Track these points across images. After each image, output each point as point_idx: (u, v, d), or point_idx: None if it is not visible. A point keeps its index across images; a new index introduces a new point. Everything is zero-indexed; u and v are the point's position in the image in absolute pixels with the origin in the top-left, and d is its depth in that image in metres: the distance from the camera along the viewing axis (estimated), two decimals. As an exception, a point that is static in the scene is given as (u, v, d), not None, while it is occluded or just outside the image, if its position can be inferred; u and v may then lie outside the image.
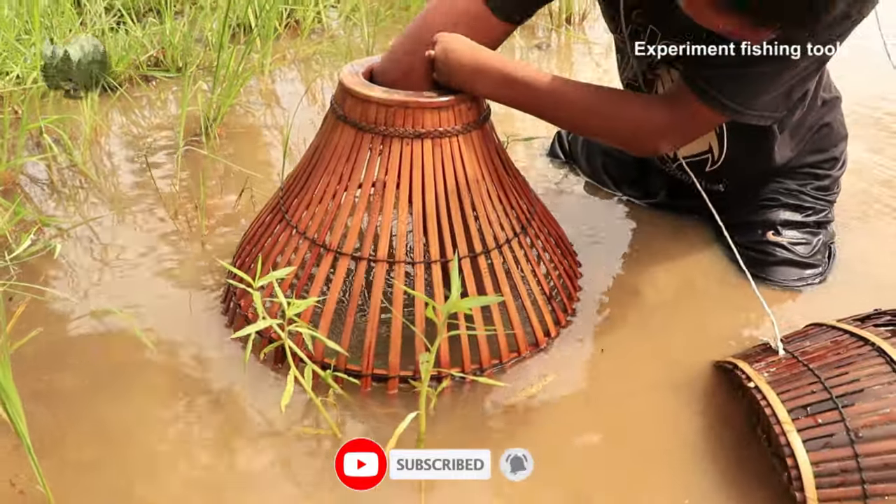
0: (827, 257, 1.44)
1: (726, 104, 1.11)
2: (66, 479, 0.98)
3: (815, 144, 1.44)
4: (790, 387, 1.00)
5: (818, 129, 1.42)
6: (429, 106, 1.09)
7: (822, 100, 1.39)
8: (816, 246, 1.42)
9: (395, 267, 1.11)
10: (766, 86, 1.11)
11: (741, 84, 1.10)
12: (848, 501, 0.92)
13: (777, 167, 1.42)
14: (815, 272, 1.41)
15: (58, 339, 1.24)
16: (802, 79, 1.14)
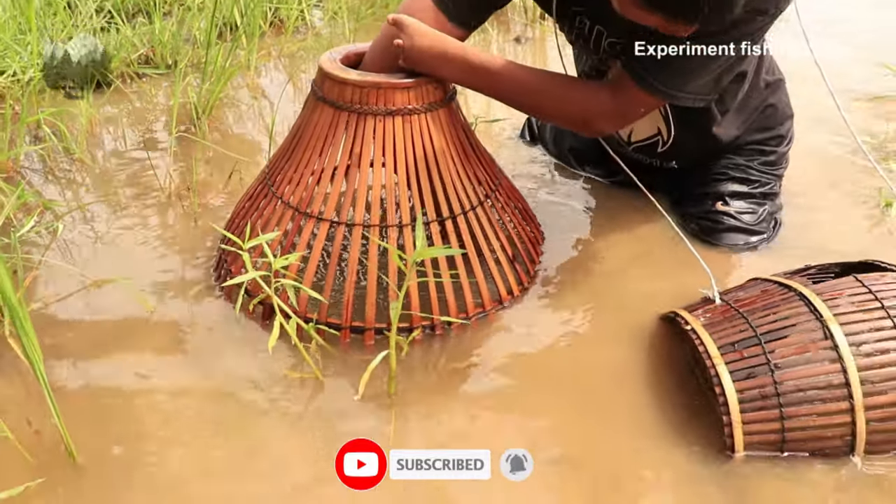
0: (772, 226, 1.57)
1: (660, 89, 1.24)
2: (78, 421, 1.09)
3: (760, 123, 1.56)
4: (721, 328, 1.13)
5: (763, 109, 1.55)
6: (399, 86, 1.21)
7: (765, 82, 1.51)
8: (762, 215, 1.55)
9: (370, 230, 1.23)
10: (695, 73, 1.23)
11: (673, 72, 1.23)
12: (768, 422, 1.05)
13: (724, 145, 1.55)
14: (760, 238, 1.54)
15: (64, 306, 1.36)
16: (729, 67, 1.26)
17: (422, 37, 1.22)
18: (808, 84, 1.58)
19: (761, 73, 1.50)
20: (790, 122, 1.62)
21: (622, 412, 1.15)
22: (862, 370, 1.03)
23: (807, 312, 1.09)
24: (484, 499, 1.02)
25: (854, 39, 2.77)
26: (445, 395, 1.18)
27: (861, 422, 1.03)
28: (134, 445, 1.08)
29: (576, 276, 1.44)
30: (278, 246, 1.30)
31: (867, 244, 1.54)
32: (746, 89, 1.48)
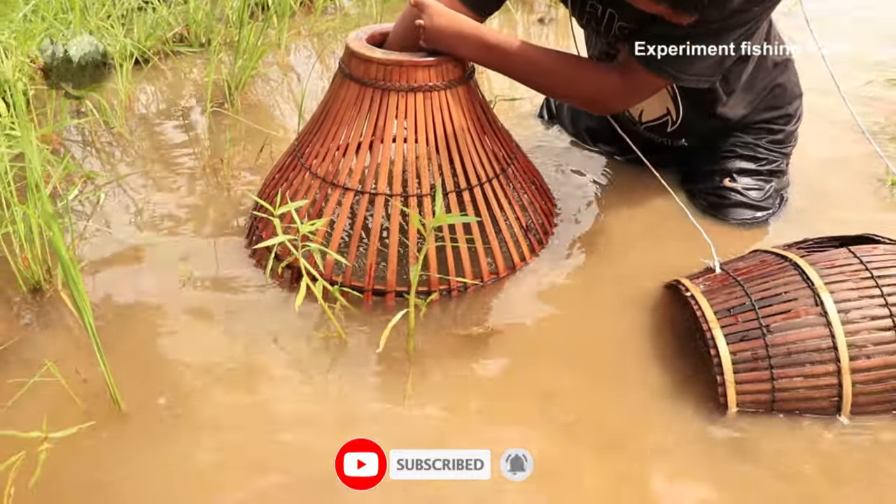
0: (778, 203, 1.64)
1: (666, 70, 1.31)
2: (122, 372, 1.19)
3: (769, 103, 1.62)
4: (719, 295, 1.21)
5: (771, 89, 1.60)
6: (420, 64, 1.29)
7: (773, 62, 1.57)
8: (768, 192, 1.62)
9: (392, 199, 1.32)
10: (698, 57, 1.30)
11: (678, 56, 1.30)
12: (759, 382, 1.12)
13: (731, 124, 1.61)
14: (766, 213, 1.60)
15: (107, 269, 1.46)
16: (732, 51, 1.32)
17: (440, 17, 1.30)
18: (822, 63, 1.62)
19: (769, 54, 1.55)
20: (799, 101, 1.67)
21: (627, 373, 1.23)
22: (849, 335, 1.10)
23: (799, 281, 1.17)
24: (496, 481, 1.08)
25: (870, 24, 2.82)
26: (459, 353, 1.26)
27: (847, 384, 1.10)
28: (173, 395, 1.18)
29: (586, 247, 1.52)
30: (306, 214, 1.38)
31: (872, 221, 1.60)
32: (752, 70, 1.53)
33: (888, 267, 1.16)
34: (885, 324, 1.11)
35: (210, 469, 1.07)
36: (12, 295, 1.37)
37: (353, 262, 1.33)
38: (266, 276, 1.38)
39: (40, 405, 1.14)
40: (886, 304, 1.12)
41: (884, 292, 1.12)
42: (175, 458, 1.08)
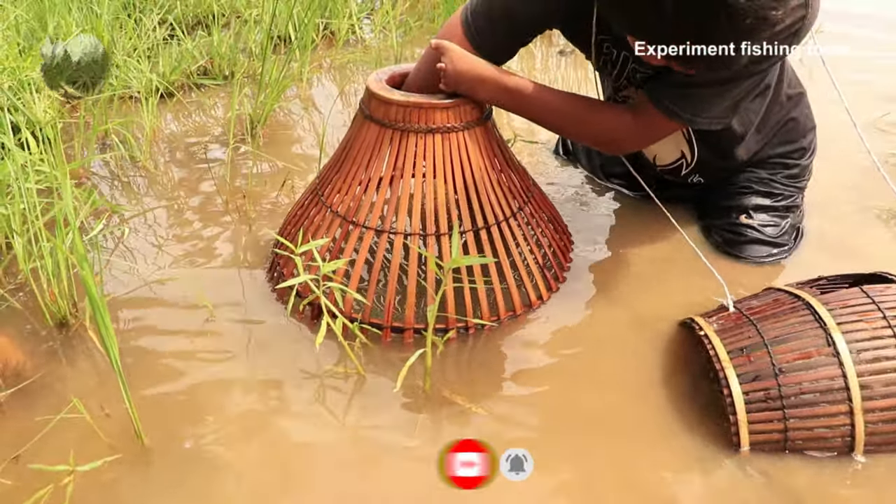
0: (794, 238, 1.65)
1: (680, 114, 1.33)
2: (145, 407, 1.22)
3: (783, 137, 1.63)
4: (732, 334, 1.22)
5: (784, 123, 1.62)
6: (438, 106, 1.32)
7: (786, 95, 1.58)
8: (784, 228, 1.63)
9: (410, 238, 1.34)
10: (712, 101, 1.32)
11: (691, 100, 1.32)
12: (771, 422, 1.13)
13: (747, 161, 1.63)
14: (782, 250, 1.61)
15: (131, 303, 1.49)
16: (747, 93, 1.34)
17: (461, 61, 1.33)
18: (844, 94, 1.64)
19: (783, 88, 1.56)
20: (812, 133, 1.68)
21: (641, 411, 1.24)
22: (861, 375, 1.12)
23: (812, 321, 1.18)
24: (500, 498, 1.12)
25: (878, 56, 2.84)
26: (475, 392, 1.28)
27: (860, 424, 1.12)
28: (194, 431, 1.20)
29: (602, 283, 1.54)
30: (327, 252, 1.41)
31: (886, 256, 1.61)
32: (766, 106, 1.55)
33: (900, 307, 1.17)
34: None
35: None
36: (39, 329, 1.41)
37: (372, 299, 1.35)
38: (287, 313, 1.41)
39: (66, 439, 1.17)
40: (898, 345, 1.13)
41: (895, 332, 1.14)
42: (196, 494, 1.11)
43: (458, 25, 1.37)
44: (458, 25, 1.37)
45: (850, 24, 3.19)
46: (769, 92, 1.52)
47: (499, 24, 1.35)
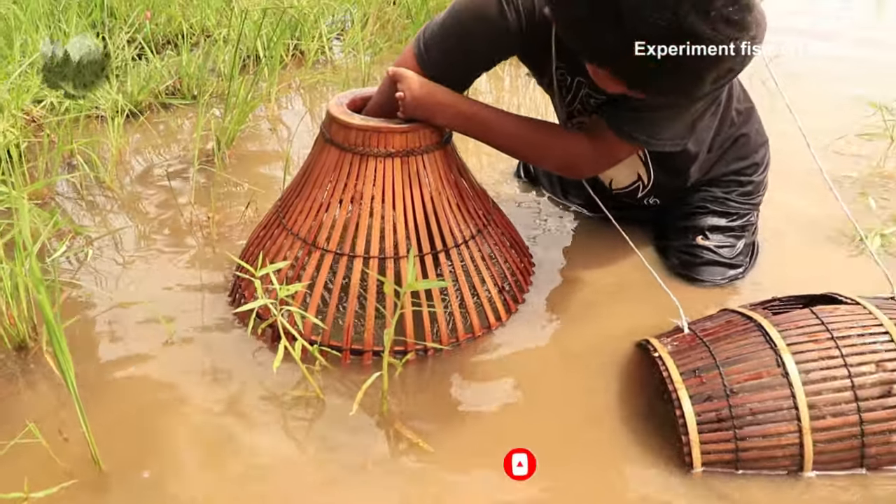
0: (749, 258, 1.68)
1: (637, 137, 1.35)
2: (103, 431, 1.22)
3: (735, 153, 1.65)
4: (686, 355, 1.24)
5: (736, 139, 1.64)
6: (397, 130, 1.34)
7: (736, 111, 1.60)
8: (740, 248, 1.66)
9: (369, 261, 1.36)
10: (668, 124, 1.35)
11: (648, 123, 1.34)
12: (723, 442, 1.15)
13: (700, 179, 1.66)
14: (737, 271, 1.64)
15: (92, 326, 1.49)
16: (702, 114, 1.37)
17: (418, 88, 1.35)
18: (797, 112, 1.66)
19: (732, 104, 1.58)
20: (764, 148, 1.71)
21: (597, 434, 1.26)
22: (809, 396, 1.14)
23: (763, 342, 1.20)
24: None
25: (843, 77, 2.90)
26: (432, 414, 1.29)
27: (808, 444, 1.14)
28: (153, 456, 1.20)
29: (560, 305, 1.55)
30: (286, 275, 1.42)
31: (837, 276, 1.64)
32: (718, 122, 1.57)
33: (848, 328, 1.20)
34: (844, 384, 1.14)
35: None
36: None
37: (332, 322, 1.36)
38: (248, 336, 1.42)
39: (22, 465, 1.17)
40: (846, 365, 1.15)
41: (843, 353, 1.16)
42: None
43: (412, 58, 1.39)
44: (412, 58, 1.39)
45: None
46: (720, 109, 1.54)
47: (453, 55, 1.37)
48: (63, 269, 1.66)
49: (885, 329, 1.19)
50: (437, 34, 1.37)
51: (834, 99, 2.65)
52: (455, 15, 1.36)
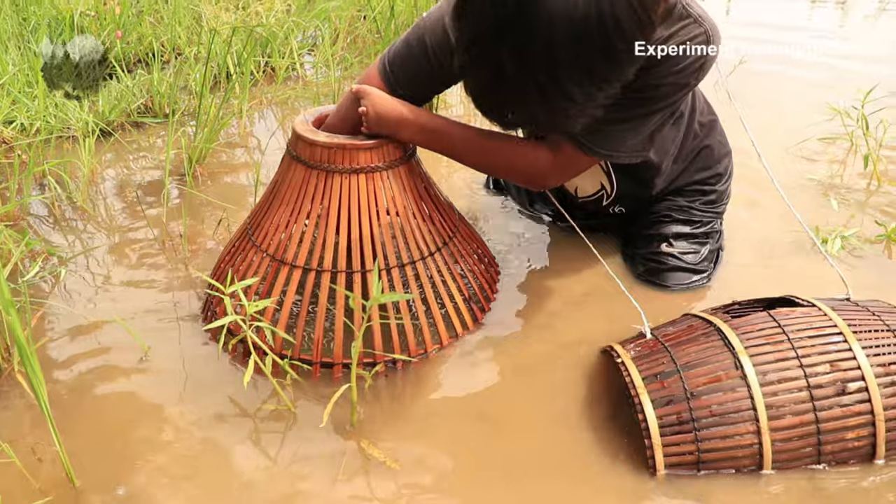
0: (713, 262, 1.72)
1: (597, 151, 1.39)
2: (77, 450, 1.24)
3: (699, 164, 1.70)
4: (648, 360, 1.27)
5: (700, 150, 1.68)
6: (362, 147, 1.37)
7: (699, 123, 1.65)
8: (703, 254, 1.69)
9: (337, 276, 1.38)
10: (626, 136, 1.38)
11: (607, 136, 1.38)
12: (685, 444, 1.18)
13: (664, 189, 1.70)
14: (702, 276, 1.68)
15: (66, 345, 1.50)
16: (659, 125, 1.41)
17: (381, 104, 1.37)
18: (763, 118, 1.70)
19: (695, 117, 1.63)
20: (727, 159, 1.76)
21: (562, 438, 1.28)
22: (767, 396, 1.17)
23: (722, 346, 1.24)
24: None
25: (808, 82, 2.96)
26: (401, 425, 1.31)
27: (767, 443, 1.17)
28: (127, 473, 1.22)
29: (527, 314, 1.58)
30: (256, 291, 1.44)
31: (803, 277, 1.68)
32: (682, 135, 1.62)
33: (803, 329, 1.24)
34: (800, 384, 1.18)
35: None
36: (-29, 374, 1.42)
37: (302, 336, 1.38)
38: (219, 352, 1.44)
39: (-3, 484, 1.18)
40: (801, 366, 1.19)
41: (798, 354, 1.20)
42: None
43: (376, 74, 1.43)
44: (376, 74, 1.43)
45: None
46: (683, 121, 1.59)
47: (414, 70, 1.40)
48: (37, 289, 1.67)
49: (839, 330, 1.23)
50: (402, 50, 1.41)
51: (800, 104, 2.71)
52: (418, 31, 1.40)
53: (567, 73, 1.06)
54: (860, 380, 1.18)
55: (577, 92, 1.09)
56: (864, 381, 1.18)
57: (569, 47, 1.03)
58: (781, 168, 2.20)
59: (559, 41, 1.03)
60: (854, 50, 3.55)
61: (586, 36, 1.02)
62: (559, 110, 1.13)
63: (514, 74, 1.08)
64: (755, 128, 1.51)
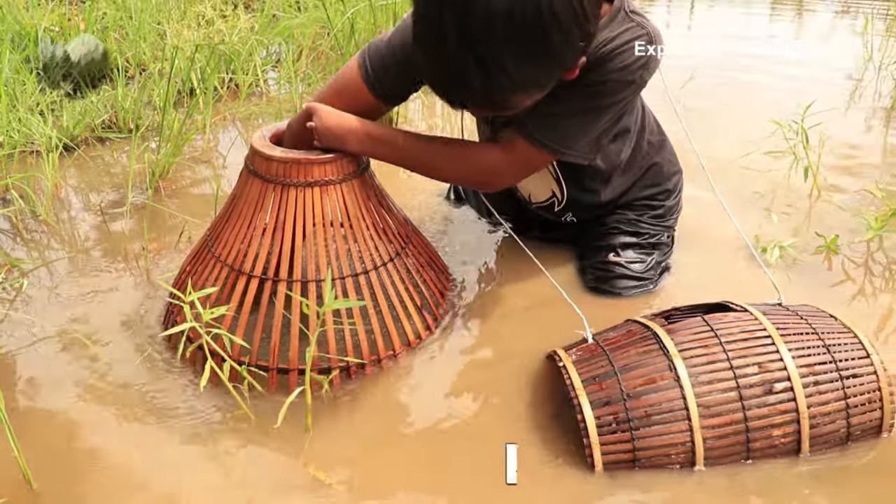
0: (659, 273, 1.79)
1: (548, 145, 1.45)
2: (35, 454, 1.28)
3: (648, 181, 1.78)
4: (588, 364, 1.34)
5: (648, 168, 1.77)
6: (316, 161, 1.42)
7: (648, 142, 1.73)
8: (650, 264, 1.77)
9: (293, 285, 1.43)
10: (577, 133, 1.45)
11: (558, 132, 1.44)
12: (622, 443, 1.25)
13: (613, 201, 1.77)
14: (646, 283, 1.75)
15: (26, 354, 1.54)
16: (605, 130, 1.48)
17: (329, 118, 1.43)
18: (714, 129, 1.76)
19: (644, 135, 1.72)
20: (677, 176, 1.84)
21: (509, 439, 1.34)
22: (699, 397, 1.24)
23: (657, 349, 1.31)
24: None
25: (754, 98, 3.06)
26: (354, 429, 1.37)
27: (699, 440, 1.24)
28: (85, 475, 1.26)
29: (478, 321, 1.65)
30: (215, 300, 1.48)
31: (743, 285, 1.76)
32: (630, 152, 1.70)
33: (735, 333, 1.31)
34: (730, 385, 1.25)
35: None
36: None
37: (259, 343, 1.43)
38: (178, 358, 1.48)
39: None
40: (731, 368, 1.26)
41: (729, 356, 1.27)
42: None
43: (356, 68, 1.50)
44: (356, 68, 1.50)
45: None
46: (629, 136, 1.67)
47: (393, 66, 1.47)
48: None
49: (768, 333, 1.31)
50: (380, 44, 1.49)
51: (750, 116, 2.80)
52: (401, 26, 1.48)
53: (504, 47, 1.14)
54: (786, 380, 1.26)
55: (512, 67, 1.17)
56: (790, 382, 1.26)
57: (507, 22, 1.11)
58: (729, 181, 2.28)
59: (497, 12, 1.11)
60: (808, 61, 3.68)
61: (522, 19, 1.11)
62: (498, 86, 1.19)
63: (455, 47, 1.15)
64: (706, 139, 1.59)
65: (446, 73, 1.22)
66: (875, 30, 3.81)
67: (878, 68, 3.42)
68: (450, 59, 1.18)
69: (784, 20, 4.74)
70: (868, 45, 3.53)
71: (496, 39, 1.13)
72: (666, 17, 4.81)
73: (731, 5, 5.09)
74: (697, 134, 1.58)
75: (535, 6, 1.11)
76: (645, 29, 1.39)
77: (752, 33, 4.37)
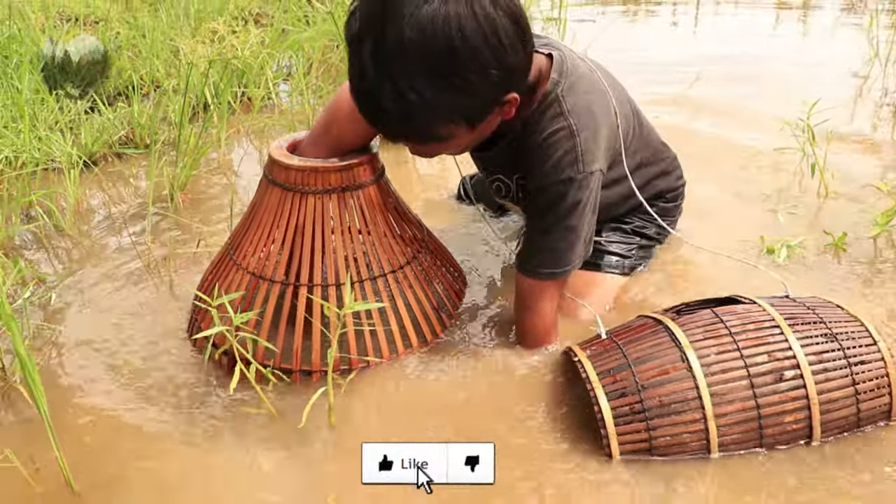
0: (642, 256, 1.84)
1: (556, 272, 1.51)
2: (75, 457, 1.32)
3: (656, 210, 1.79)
4: (602, 358, 1.38)
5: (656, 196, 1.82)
6: (333, 169, 1.47)
7: (650, 174, 1.77)
8: (633, 246, 1.81)
9: (314, 289, 1.48)
10: (565, 249, 1.50)
11: (557, 254, 1.50)
12: (637, 433, 1.29)
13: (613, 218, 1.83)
14: (630, 260, 1.81)
15: (59, 364, 1.59)
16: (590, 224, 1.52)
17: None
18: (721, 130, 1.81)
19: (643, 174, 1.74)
20: (679, 189, 1.89)
21: (528, 432, 1.39)
22: (711, 386, 1.28)
23: (669, 341, 1.35)
24: None
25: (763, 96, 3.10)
26: (377, 424, 1.42)
27: (712, 428, 1.28)
28: (123, 477, 1.31)
29: (493, 319, 1.70)
30: (239, 306, 1.53)
31: (749, 282, 1.79)
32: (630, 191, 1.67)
33: (744, 324, 1.35)
34: (741, 374, 1.29)
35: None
36: (-33, 390, 1.51)
37: (282, 346, 1.48)
38: (205, 362, 1.53)
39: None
40: (742, 357, 1.30)
41: (739, 346, 1.31)
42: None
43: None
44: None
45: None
46: (625, 181, 1.62)
47: None
48: (28, 313, 1.75)
49: (776, 323, 1.35)
50: None
51: (756, 115, 2.83)
52: None
53: (414, 65, 1.19)
54: (795, 368, 1.29)
55: (423, 87, 1.20)
56: (799, 369, 1.29)
57: (419, 41, 1.16)
58: (735, 178, 2.32)
59: (410, 35, 1.16)
60: (813, 59, 3.72)
61: (433, 38, 1.16)
62: (413, 107, 1.23)
63: (372, 71, 1.21)
64: (713, 139, 1.62)
65: (367, 96, 1.27)
66: (881, 25, 3.83)
67: (884, 65, 3.45)
68: (371, 83, 1.23)
69: (790, 19, 4.78)
70: (874, 42, 3.57)
71: (408, 58, 1.18)
72: (671, 17, 4.86)
73: (735, 4, 5.14)
74: (705, 131, 1.62)
75: (445, 30, 1.16)
76: (567, 121, 1.42)
77: (758, 31, 4.41)
